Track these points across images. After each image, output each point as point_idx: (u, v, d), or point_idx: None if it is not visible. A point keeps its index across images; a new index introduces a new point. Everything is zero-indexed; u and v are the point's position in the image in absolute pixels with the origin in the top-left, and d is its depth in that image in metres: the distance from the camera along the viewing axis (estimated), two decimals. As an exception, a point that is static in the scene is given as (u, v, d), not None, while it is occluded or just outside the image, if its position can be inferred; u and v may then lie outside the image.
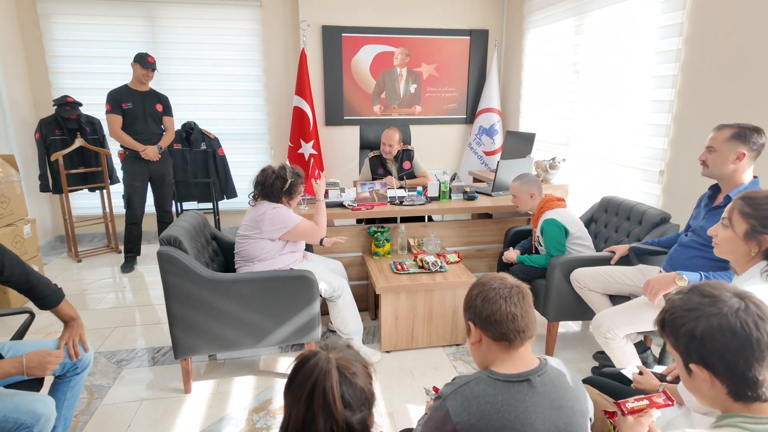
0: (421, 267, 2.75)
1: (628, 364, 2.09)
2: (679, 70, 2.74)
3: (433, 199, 3.26)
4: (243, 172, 4.67)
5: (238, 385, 2.39)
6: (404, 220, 3.26)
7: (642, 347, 2.31)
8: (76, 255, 4.25)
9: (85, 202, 4.72)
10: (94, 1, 4.32)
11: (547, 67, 4.24)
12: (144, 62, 3.59)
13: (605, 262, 2.49)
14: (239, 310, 2.23)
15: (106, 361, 2.60)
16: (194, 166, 4.43)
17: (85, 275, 3.91)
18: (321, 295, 2.50)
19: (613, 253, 2.50)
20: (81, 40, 4.39)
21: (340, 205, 3.05)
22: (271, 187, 2.41)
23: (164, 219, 4.06)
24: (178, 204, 4.44)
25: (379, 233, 2.97)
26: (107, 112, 3.62)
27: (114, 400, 2.26)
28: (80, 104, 4.16)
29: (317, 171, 3.01)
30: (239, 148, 4.88)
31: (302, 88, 4.51)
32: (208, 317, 2.21)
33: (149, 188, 3.95)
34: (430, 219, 3.59)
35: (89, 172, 4.33)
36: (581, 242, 2.68)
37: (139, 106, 3.67)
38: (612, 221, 2.88)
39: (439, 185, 3.25)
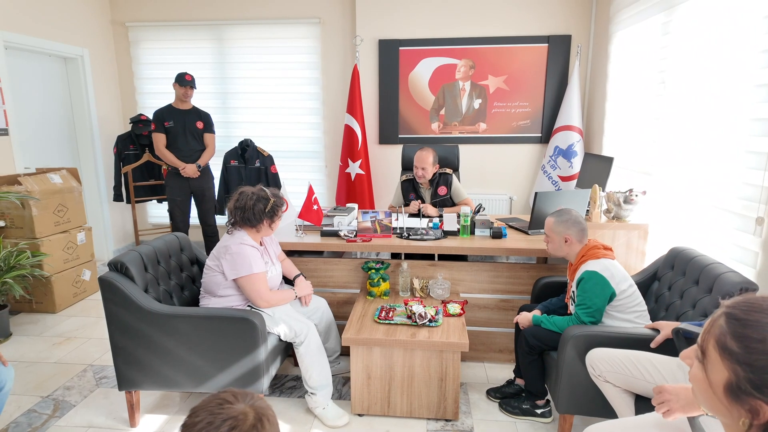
0: (409, 317, 2.30)
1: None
2: (790, 76, 1.90)
3: (449, 233, 2.76)
4: (297, 189, 4.61)
5: (185, 427, 2.20)
6: (413, 256, 2.81)
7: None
8: (140, 261, 4.58)
9: (159, 211, 5.11)
10: (174, 27, 4.66)
11: (631, 77, 3.42)
12: (182, 81, 3.72)
13: (644, 343, 1.78)
14: (178, 348, 2.05)
15: (91, 377, 2.63)
16: (249, 182, 4.48)
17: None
18: (281, 339, 2.21)
19: (657, 332, 1.79)
20: (162, 63, 4.77)
21: (335, 234, 2.73)
22: (253, 209, 2.21)
23: (207, 233, 4.16)
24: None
25: (373, 270, 2.58)
26: (152, 131, 3.82)
27: (68, 423, 2.23)
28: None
29: (314, 196, 2.73)
30: (296, 165, 4.85)
31: (353, 106, 4.32)
32: (148, 351, 2.06)
33: (193, 203, 4.07)
34: (464, 258, 3.06)
35: (158, 184, 4.67)
36: (630, 309, 1.98)
37: (179, 124, 3.80)
38: (678, 283, 2.11)
39: (459, 218, 2.74)
